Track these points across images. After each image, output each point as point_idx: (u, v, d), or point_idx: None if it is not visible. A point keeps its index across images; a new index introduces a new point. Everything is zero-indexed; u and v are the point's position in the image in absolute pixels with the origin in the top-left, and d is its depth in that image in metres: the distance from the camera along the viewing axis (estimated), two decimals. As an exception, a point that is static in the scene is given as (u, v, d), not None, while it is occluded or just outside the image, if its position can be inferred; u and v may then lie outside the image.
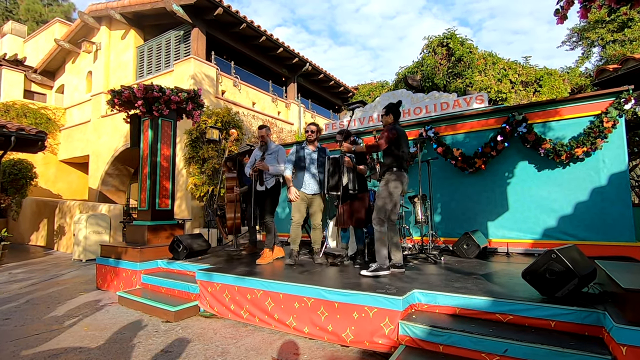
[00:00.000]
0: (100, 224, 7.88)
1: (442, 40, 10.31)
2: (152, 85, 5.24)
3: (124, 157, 10.95)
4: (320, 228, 4.47)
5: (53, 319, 3.77)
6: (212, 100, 9.20)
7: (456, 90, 9.38)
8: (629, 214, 4.23)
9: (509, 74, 9.41)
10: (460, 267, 3.92)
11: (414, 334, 2.55)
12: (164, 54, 10.18)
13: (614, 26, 12.03)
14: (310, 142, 4.43)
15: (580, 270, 2.44)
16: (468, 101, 5.83)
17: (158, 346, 2.99)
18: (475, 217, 5.22)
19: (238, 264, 4.37)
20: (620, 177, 4.32)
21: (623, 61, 5.42)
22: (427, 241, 4.89)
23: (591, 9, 2.67)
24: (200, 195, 8.38)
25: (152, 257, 5.00)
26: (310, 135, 4.40)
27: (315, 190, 4.37)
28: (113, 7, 10.43)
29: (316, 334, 3.02)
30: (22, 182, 10.77)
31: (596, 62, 13.21)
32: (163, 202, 5.57)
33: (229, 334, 3.26)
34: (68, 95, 13.23)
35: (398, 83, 11.38)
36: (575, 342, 2.19)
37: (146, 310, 3.97)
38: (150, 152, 5.47)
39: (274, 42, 10.85)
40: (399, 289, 2.89)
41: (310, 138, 4.39)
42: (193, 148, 8.59)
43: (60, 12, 24.49)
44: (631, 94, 4.27)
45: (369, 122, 6.83)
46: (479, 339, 2.32)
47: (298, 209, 4.32)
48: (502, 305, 2.59)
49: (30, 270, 6.56)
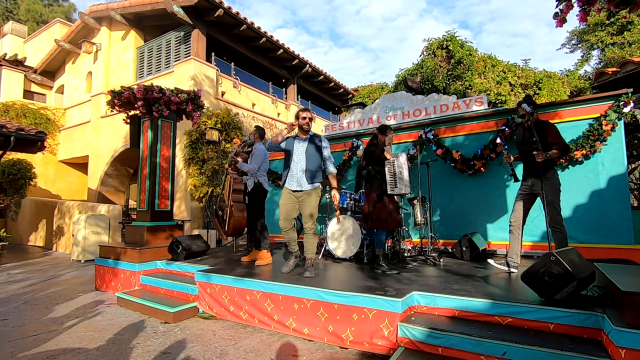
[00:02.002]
0: (99, 225, 7.87)
1: (442, 42, 10.34)
2: (152, 86, 5.25)
3: (124, 158, 10.94)
4: (312, 233, 3.73)
5: (51, 319, 3.76)
6: (212, 102, 9.21)
7: (456, 93, 9.39)
8: (628, 216, 4.24)
9: (508, 76, 9.43)
10: (459, 269, 3.93)
11: (413, 336, 2.55)
12: (164, 54, 10.19)
13: (613, 29, 12.08)
14: (304, 132, 3.77)
15: (579, 272, 2.44)
16: (467, 103, 5.84)
17: (157, 347, 2.98)
18: (475, 219, 5.23)
19: (237, 265, 4.36)
20: (619, 180, 4.33)
21: (622, 64, 5.44)
22: (426, 243, 4.89)
23: (590, 12, 2.69)
24: (200, 196, 8.38)
25: (151, 258, 4.99)
26: (308, 124, 3.74)
27: (303, 187, 3.66)
28: (113, 8, 10.44)
29: (316, 335, 3.02)
30: (21, 182, 10.75)
31: (595, 65, 13.25)
32: (162, 203, 5.57)
33: (227, 336, 3.25)
34: (68, 95, 13.23)
35: (398, 85, 11.39)
36: (574, 344, 2.19)
37: (145, 311, 3.96)
38: (150, 152, 5.47)
39: (274, 44, 10.86)
40: (398, 291, 2.89)
41: (305, 127, 3.74)
42: (193, 149, 8.59)
43: (60, 12, 24.52)
44: (630, 97, 4.29)
45: (368, 123, 6.83)
46: (478, 341, 2.32)
47: (283, 210, 3.69)
48: (501, 307, 2.59)
49: (29, 271, 6.55)
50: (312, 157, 3.70)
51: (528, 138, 3.51)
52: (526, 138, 3.55)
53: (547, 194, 3.30)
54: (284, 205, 3.70)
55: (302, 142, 3.76)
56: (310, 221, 3.68)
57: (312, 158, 3.69)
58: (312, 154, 3.70)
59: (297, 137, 3.80)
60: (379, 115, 6.75)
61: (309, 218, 3.67)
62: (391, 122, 6.54)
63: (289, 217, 3.70)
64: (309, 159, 3.68)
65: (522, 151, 3.64)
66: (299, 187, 3.66)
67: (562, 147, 3.36)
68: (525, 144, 3.54)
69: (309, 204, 3.66)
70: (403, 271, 3.84)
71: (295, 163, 3.69)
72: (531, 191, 3.52)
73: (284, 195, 3.72)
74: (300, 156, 3.70)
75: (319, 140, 3.79)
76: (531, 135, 3.42)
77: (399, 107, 6.55)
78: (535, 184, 3.45)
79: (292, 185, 3.69)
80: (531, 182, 3.51)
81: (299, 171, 3.67)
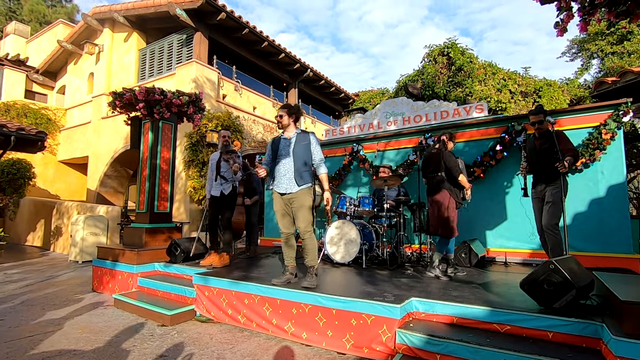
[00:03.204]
0: (97, 226, 7.85)
1: (443, 49, 10.41)
2: (153, 88, 5.26)
3: (124, 159, 10.95)
4: (308, 237, 3.39)
5: (48, 320, 3.74)
6: (213, 104, 9.24)
7: (456, 99, 9.44)
8: (627, 225, 4.24)
9: (508, 84, 9.49)
10: (458, 276, 3.92)
11: (412, 342, 2.54)
12: (166, 57, 10.23)
13: (613, 38, 12.16)
14: (283, 128, 3.52)
15: (579, 281, 2.44)
16: (468, 110, 5.86)
17: (153, 350, 2.96)
18: (474, 226, 5.22)
19: (235, 268, 4.35)
20: (619, 189, 4.34)
21: (622, 74, 5.47)
22: (425, 249, 4.89)
23: (591, 22, 2.71)
24: (199, 198, 8.37)
25: (149, 260, 4.98)
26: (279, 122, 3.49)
27: (289, 188, 3.37)
28: (117, 9, 10.50)
29: (314, 340, 3.00)
30: (20, 181, 10.74)
31: (595, 74, 13.32)
32: (162, 205, 5.56)
33: (225, 339, 3.23)
34: (69, 96, 13.26)
35: (398, 91, 11.45)
36: (572, 353, 2.19)
37: (142, 313, 3.94)
38: (150, 154, 5.47)
39: (276, 48, 10.92)
40: (396, 297, 2.88)
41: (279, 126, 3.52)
42: (193, 151, 8.60)
43: (63, 13, 24.61)
44: (629, 107, 4.32)
45: (369, 128, 6.85)
46: (476, 349, 2.31)
47: (278, 216, 3.48)
48: (500, 315, 2.58)
49: (26, 271, 6.52)
50: (299, 156, 3.37)
51: (539, 147, 3.61)
52: (537, 147, 3.64)
53: (551, 195, 3.43)
54: (277, 212, 3.47)
55: (288, 141, 3.46)
56: (303, 225, 3.36)
57: (299, 158, 3.37)
58: (299, 154, 3.38)
59: (282, 136, 3.53)
60: (379, 121, 6.76)
61: (301, 222, 3.35)
62: (392, 127, 6.55)
63: (287, 222, 3.47)
64: (296, 158, 3.37)
65: (533, 160, 3.71)
66: (287, 190, 3.38)
67: (574, 153, 3.46)
68: (538, 153, 3.62)
69: (300, 207, 3.34)
70: (403, 277, 3.84)
71: (282, 164, 3.41)
72: (541, 196, 3.62)
73: (275, 199, 3.48)
74: (287, 156, 3.41)
75: (306, 138, 3.46)
76: (542, 143, 3.58)
77: (399, 113, 6.57)
78: (545, 190, 3.57)
79: (280, 188, 3.41)
80: (540, 188, 3.64)
81: (286, 172, 3.38)
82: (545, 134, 3.60)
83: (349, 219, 4.77)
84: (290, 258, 3.57)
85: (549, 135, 3.52)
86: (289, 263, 3.57)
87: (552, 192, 3.44)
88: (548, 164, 3.47)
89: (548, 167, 3.46)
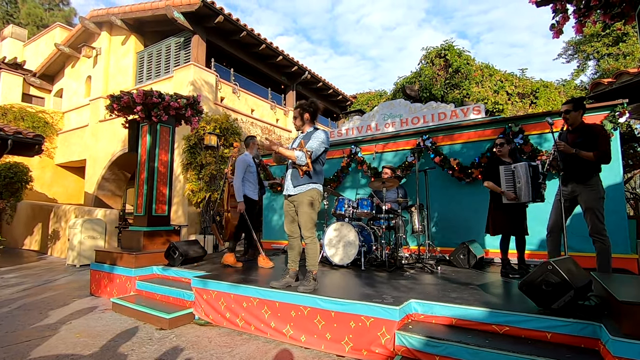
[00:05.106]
0: (95, 229, 7.81)
1: (440, 51, 10.45)
2: (151, 91, 5.26)
3: (121, 162, 10.92)
4: (310, 242, 3.29)
5: (45, 325, 3.72)
6: (211, 107, 9.24)
7: (453, 101, 9.48)
8: (624, 225, 4.26)
9: (505, 85, 9.54)
10: (457, 277, 3.92)
11: (411, 344, 2.54)
12: (164, 60, 10.23)
13: (609, 40, 12.24)
14: (299, 130, 3.48)
15: (577, 282, 2.45)
16: (465, 112, 5.88)
17: (152, 354, 2.95)
18: (472, 227, 5.23)
19: (234, 272, 4.34)
20: (615, 189, 4.35)
21: (617, 75, 5.51)
22: (423, 251, 4.89)
23: (586, 24, 2.73)
24: (197, 201, 8.36)
25: (148, 263, 4.96)
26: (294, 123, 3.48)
27: (289, 189, 3.29)
28: (114, 13, 10.50)
29: (313, 342, 3.00)
30: (17, 185, 10.68)
31: (591, 75, 13.39)
32: (160, 208, 5.55)
33: (223, 343, 3.22)
34: (66, 99, 13.24)
35: (396, 93, 11.48)
36: (571, 354, 2.19)
37: (140, 317, 3.92)
38: (148, 157, 5.46)
39: (274, 50, 10.94)
40: (395, 299, 2.88)
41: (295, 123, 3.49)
42: (191, 154, 8.60)
43: (61, 16, 24.59)
44: (625, 108, 4.34)
45: (367, 130, 6.87)
46: (476, 350, 2.31)
47: (286, 216, 3.46)
48: (499, 316, 2.58)
49: (23, 275, 6.48)
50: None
51: (571, 142, 3.39)
52: (569, 142, 3.40)
53: (587, 200, 3.24)
54: (286, 212, 3.46)
55: (297, 140, 3.40)
56: (304, 229, 3.26)
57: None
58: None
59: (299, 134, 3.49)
60: (377, 123, 6.78)
61: (303, 225, 3.27)
62: (389, 129, 6.57)
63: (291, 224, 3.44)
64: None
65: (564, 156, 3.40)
66: (287, 191, 3.33)
67: (600, 155, 3.20)
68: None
69: (301, 210, 3.25)
70: (402, 279, 3.84)
71: (288, 165, 3.36)
72: (571, 197, 3.42)
73: (284, 203, 3.48)
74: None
75: (311, 135, 3.30)
76: (575, 138, 3.36)
77: (397, 115, 6.59)
78: (575, 190, 3.36)
79: (285, 189, 3.38)
80: (571, 188, 3.40)
81: (288, 173, 3.34)
82: (580, 129, 3.36)
83: (348, 220, 4.77)
84: (293, 261, 3.52)
85: (584, 130, 3.30)
86: (290, 266, 3.51)
87: (586, 197, 3.23)
88: (580, 160, 3.26)
89: (580, 164, 3.25)
